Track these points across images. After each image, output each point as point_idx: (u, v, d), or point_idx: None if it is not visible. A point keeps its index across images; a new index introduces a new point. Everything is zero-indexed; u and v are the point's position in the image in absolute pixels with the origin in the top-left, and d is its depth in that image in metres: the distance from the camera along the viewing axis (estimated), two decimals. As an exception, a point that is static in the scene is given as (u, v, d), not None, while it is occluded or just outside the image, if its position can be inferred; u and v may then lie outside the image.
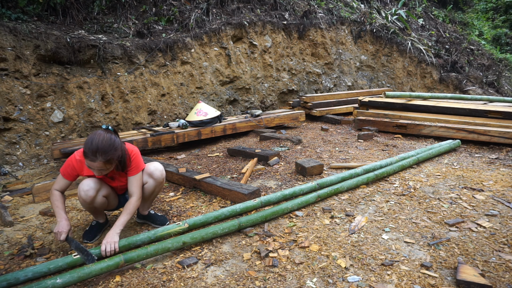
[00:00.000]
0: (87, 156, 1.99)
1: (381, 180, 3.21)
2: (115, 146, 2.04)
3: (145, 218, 2.58)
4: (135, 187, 2.26)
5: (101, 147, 1.97)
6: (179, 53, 5.73)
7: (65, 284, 1.77)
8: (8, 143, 4.32)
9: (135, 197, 2.24)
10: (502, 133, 4.14)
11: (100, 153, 1.97)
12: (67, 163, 2.21)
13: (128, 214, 2.18)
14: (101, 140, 1.99)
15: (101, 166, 2.03)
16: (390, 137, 4.91)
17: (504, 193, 2.79)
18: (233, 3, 6.81)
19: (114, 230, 2.09)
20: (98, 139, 1.99)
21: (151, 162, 2.44)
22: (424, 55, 7.68)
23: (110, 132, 2.08)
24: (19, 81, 4.40)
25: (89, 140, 1.99)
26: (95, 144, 1.97)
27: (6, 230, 2.60)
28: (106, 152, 1.99)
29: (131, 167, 2.26)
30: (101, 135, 2.02)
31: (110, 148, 2.01)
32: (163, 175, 2.42)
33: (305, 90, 7.25)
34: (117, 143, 2.07)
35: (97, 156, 1.97)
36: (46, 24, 5.08)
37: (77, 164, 2.19)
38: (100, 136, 2.01)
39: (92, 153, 1.97)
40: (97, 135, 2.02)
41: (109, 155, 2.00)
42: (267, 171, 3.56)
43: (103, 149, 1.98)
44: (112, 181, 2.35)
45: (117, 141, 2.08)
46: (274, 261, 1.98)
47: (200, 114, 4.92)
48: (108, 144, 2.00)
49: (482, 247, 2.05)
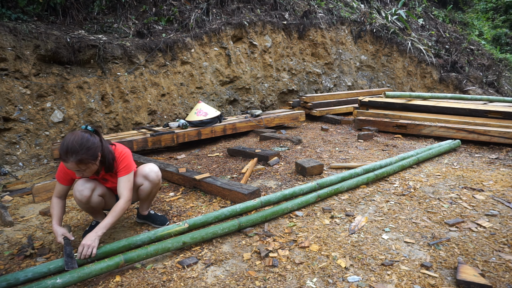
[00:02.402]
0: (61, 157, 1.95)
1: (381, 180, 3.21)
2: (87, 146, 1.97)
3: (145, 218, 2.57)
4: (123, 188, 2.18)
5: (70, 147, 1.92)
6: (179, 53, 5.73)
7: (65, 284, 1.77)
8: (8, 143, 4.32)
9: (122, 200, 2.14)
10: (502, 133, 4.14)
11: (70, 153, 1.92)
12: (59, 168, 2.19)
13: (114, 216, 2.07)
14: (71, 140, 1.94)
15: (74, 167, 1.97)
16: (390, 137, 4.91)
17: (504, 193, 2.79)
18: (233, 3, 6.81)
19: (96, 232, 1.99)
20: (69, 139, 1.94)
21: (146, 164, 2.42)
22: (424, 55, 7.68)
23: (88, 132, 2.03)
24: (19, 81, 4.40)
25: (62, 141, 1.96)
26: (65, 144, 1.92)
27: (6, 230, 2.60)
28: (77, 152, 1.93)
29: (120, 168, 2.20)
30: (73, 135, 1.97)
31: (81, 148, 1.94)
32: (159, 176, 2.39)
33: (305, 90, 7.25)
34: (91, 142, 1.99)
35: (68, 157, 1.92)
36: (46, 24, 5.08)
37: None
38: (72, 136, 1.96)
39: (63, 153, 1.93)
40: (70, 135, 1.96)
41: (79, 155, 1.93)
42: (267, 171, 3.56)
43: (72, 149, 1.92)
44: (105, 183, 2.33)
45: (91, 140, 2.00)
46: (274, 261, 1.98)
47: (200, 114, 4.92)
48: (79, 144, 1.94)
49: (482, 247, 2.05)
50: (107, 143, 2.18)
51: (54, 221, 2.16)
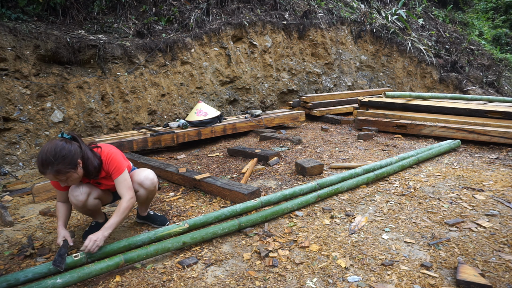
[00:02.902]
0: (39, 170, 1.88)
1: (381, 180, 3.21)
2: (62, 154, 1.87)
3: (144, 219, 2.57)
4: (122, 188, 2.14)
5: (45, 159, 1.84)
6: (179, 53, 5.73)
7: (65, 284, 1.77)
8: (8, 143, 4.32)
9: (124, 199, 2.12)
10: (502, 133, 4.14)
11: (46, 165, 1.85)
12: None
13: (118, 216, 2.06)
14: (45, 151, 1.86)
15: (53, 178, 1.91)
16: (390, 137, 4.91)
17: (504, 193, 2.79)
18: (233, 3, 6.81)
19: (102, 233, 1.98)
20: (44, 151, 1.86)
21: (142, 170, 2.35)
22: (424, 55, 7.68)
23: (63, 140, 1.94)
24: (19, 81, 4.40)
25: (39, 153, 1.88)
26: (40, 156, 1.85)
27: (6, 230, 2.60)
28: (51, 163, 1.84)
29: (111, 171, 2.14)
30: (48, 145, 1.88)
31: (56, 158, 1.85)
32: (154, 183, 2.34)
33: (305, 90, 7.25)
34: (66, 150, 1.90)
35: (44, 169, 1.85)
36: (46, 24, 5.08)
37: None
38: (47, 147, 1.88)
39: (39, 166, 1.86)
40: (46, 146, 1.88)
41: (55, 166, 1.85)
42: (267, 171, 3.56)
43: (47, 161, 1.84)
44: (99, 186, 2.29)
45: (67, 148, 1.91)
46: (274, 261, 1.98)
47: (200, 114, 4.92)
48: (52, 155, 1.85)
49: (482, 247, 2.05)
50: (87, 148, 2.09)
51: (60, 223, 2.17)
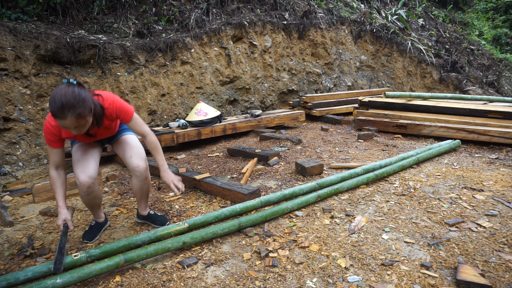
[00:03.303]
0: (56, 116, 1.79)
1: (381, 180, 3.21)
2: (81, 98, 1.82)
3: (145, 219, 2.57)
4: (141, 127, 2.20)
5: (65, 102, 1.76)
6: (179, 53, 5.73)
7: (65, 284, 1.77)
8: (8, 143, 4.32)
9: (149, 136, 2.21)
10: (502, 133, 4.14)
11: (68, 108, 1.77)
12: (45, 133, 2.06)
13: (160, 152, 2.23)
14: (63, 95, 1.78)
15: (74, 123, 1.82)
16: (390, 137, 4.91)
17: (504, 193, 2.79)
18: (233, 3, 6.81)
19: (164, 170, 2.20)
20: (61, 95, 1.78)
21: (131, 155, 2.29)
22: (424, 55, 7.68)
23: (72, 85, 1.85)
24: (19, 81, 4.40)
25: (52, 99, 1.78)
26: (58, 100, 1.76)
27: (6, 230, 2.60)
28: (74, 106, 1.78)
29: (123, 116, 2.14)
30: (62, 91, 1.80)
31: (77, 101, 1.79)
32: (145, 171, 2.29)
33: (305, 90, 7.25)
34: (83, 95, 1.84)
35: (65, 113, 1.77)
36: (46, 24, 5.08)
37: (54, 128, 2.04)
38: (62, 91, 1.79)
39: (59, 111, 1.76)
40: (59, 91, 1.79)
41: (78, 109, 1.79)
42: (267, 171, 3.56)
43: (69, 104, 1.77)
44: (94, 138, 2.22)
45: (83, 93, 1.85)
46: (274, 261, 1.98)
47: (200, 114, 4.92)
48: (73, 98, 1.78)
49: (482, 247, 2.05)
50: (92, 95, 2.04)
51: (61, 202, 2.09)
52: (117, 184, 3.54)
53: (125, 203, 3.03)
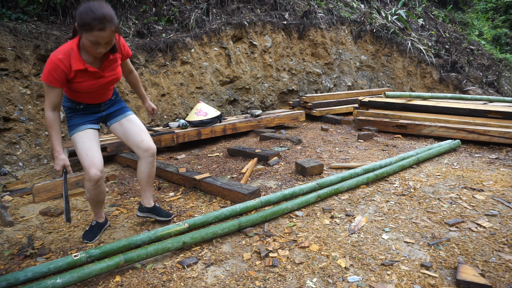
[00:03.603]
0: (94, 28, 1.75)
1: (381, 180, 3.21)
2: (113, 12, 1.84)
3: (150, 211, 2.46)
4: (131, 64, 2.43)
5: (106, 13, 1.74)
6: (179, 53, 5.73)
7: (65, 284, 1.77)
8: (8, 143, 4.32)
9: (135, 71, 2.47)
10: (502, 133, 4.14)
11: (108, 19, 1.75)
12: (50, 67, 1.92)
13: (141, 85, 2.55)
14: (100, 7, 1.76)
15: (111, 36, 1.83)
16: (390, 137, 4.91)
17: (504, 193, 2.79)
18: (233, 3, 6.81)
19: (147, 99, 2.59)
20: (98, 7, 1.75)
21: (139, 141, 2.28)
22: (424, 55, 7.68)
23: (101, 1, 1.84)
24: (19, 81, 4.40)
25: (88, 10, 1.75)
26: (99, 12, 1.73)
27: (6, 230, 2.60)
28: (113, 19, 1.78)
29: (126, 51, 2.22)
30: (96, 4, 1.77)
31: (113, 14, 1.81)
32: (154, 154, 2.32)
33: (305, 90, 7.25)
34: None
35: (106, 24, 1.75)
36: (46, 24, 5.08)
37: (63, 63, 1.93)
38: (97, 5, 1.77)
39: (100, 21, 1.74)
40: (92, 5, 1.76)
41: (115, 22, 1.81)
42: (267, 171, 3.56)
43: (109, 15, 1.76)
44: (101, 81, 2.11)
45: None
46: (274, 261, 1.98)
47: (200, 114, 4.92)
48: (110, 10, 1.80)
49: (482, 247, 2.05)
50: None
51: (58, 146, 2.03)
52: (117, 184, 3.54)
53: (125, 203, 3.03)
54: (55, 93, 2.00)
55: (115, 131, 2.35)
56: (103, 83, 2.14)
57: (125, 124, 2.32)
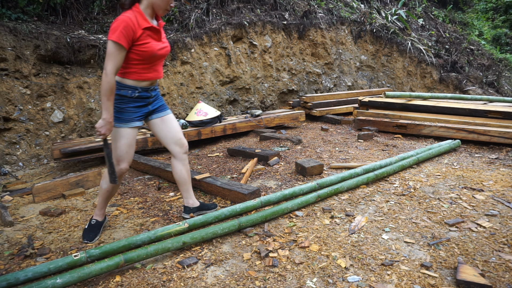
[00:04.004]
0: None
1: (381, 180, 3.21)
2: None
3: (199, 209, 2.62)
4: None
5: None
6: (179, 53, 5.73)
7: (65, 284, 1.77)
8: (8, 143, 4.32)
9: None
10: (502, 133, 4.14)
11: None
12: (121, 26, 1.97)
13: None
14: None
15: None
16: (390, 137, 4.91)
17: (504, 193, 2.79)
18: (233, 3, 6.81)
19: None
20: None
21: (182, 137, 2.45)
22: (424, 55, 7.68)
23: None
24: (19, 81, 4.40)
25: None
26: None
27: (6, 230, 2.60)
28: None
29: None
30: None
31: None
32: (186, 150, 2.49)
33: (305, 90, 7.25)
34: None
35: None
36: (46, 24, 5.08)
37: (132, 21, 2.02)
38: None
39: None
40: None
41: None
42: (267, 171, 3.56)
43: None
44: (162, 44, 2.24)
45: None
46: (274, 261, 1.98)
47: (200, 114, 4.92)
48: None
49: (482, 247, 2.05)
50: None
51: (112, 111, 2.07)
52: (117, 184, 3.53)
53: (125, 203, 3.03)
54: (121, 56, 2.02)
55: (154, 125, 2.43)
56: (163, 47, 2.22)
57: (167, 121, 2.44)
